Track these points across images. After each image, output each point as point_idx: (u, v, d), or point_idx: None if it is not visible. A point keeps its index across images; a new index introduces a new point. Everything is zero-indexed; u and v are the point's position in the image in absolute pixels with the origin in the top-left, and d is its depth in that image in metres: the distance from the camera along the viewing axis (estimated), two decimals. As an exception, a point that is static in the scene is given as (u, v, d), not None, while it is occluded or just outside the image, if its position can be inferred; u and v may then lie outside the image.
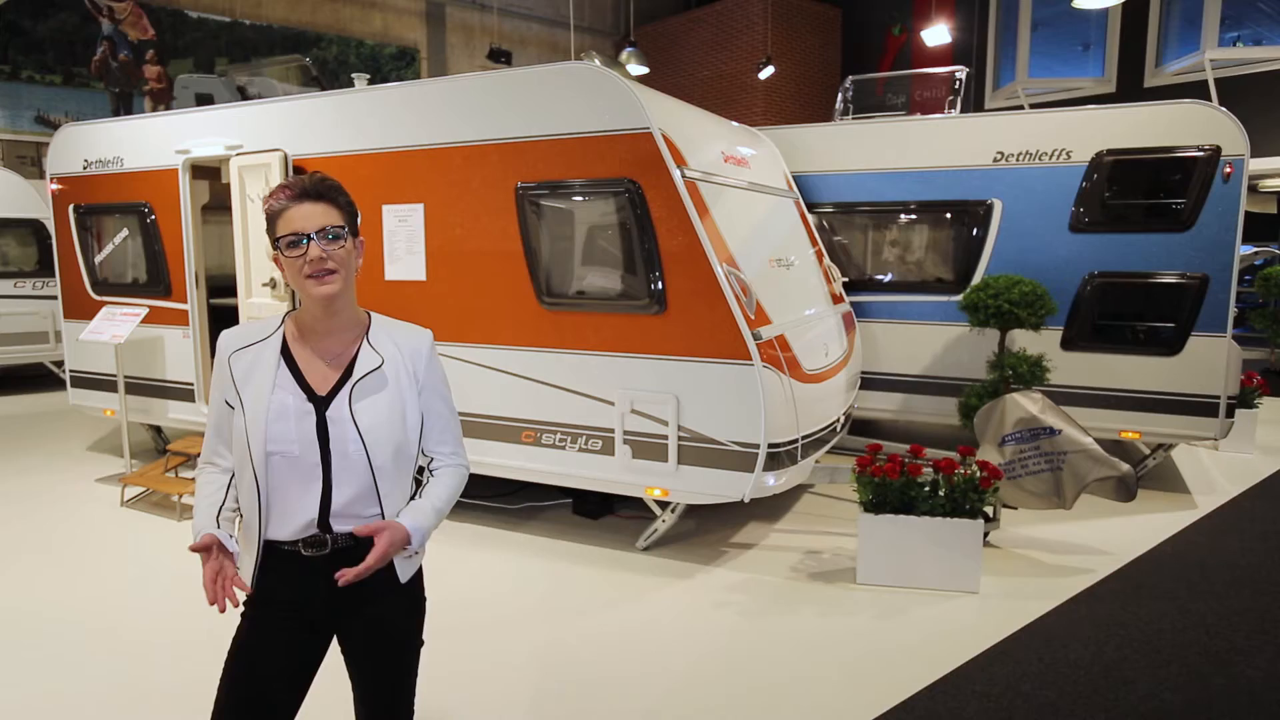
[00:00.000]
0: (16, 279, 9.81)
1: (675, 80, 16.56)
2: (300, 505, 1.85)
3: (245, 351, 1.89)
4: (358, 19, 14.63)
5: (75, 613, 4.11)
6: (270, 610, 1.90)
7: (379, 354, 1.91)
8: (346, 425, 1.84)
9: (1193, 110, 5.52)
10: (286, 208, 1.80)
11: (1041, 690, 3.35)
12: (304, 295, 1.84)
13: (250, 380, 1.86)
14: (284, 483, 1.84)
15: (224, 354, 1.90)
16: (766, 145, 6.21)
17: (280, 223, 1.81)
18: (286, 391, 1.85)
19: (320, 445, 1.84)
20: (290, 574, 1.88)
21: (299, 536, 1.86)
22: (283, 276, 1.86)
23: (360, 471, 1.85)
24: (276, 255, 1.84)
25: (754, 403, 4.34)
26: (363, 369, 1.89)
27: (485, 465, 5.10)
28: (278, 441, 1.82)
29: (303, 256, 1.79)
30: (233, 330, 1.94)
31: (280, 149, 5.56)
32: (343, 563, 1.83)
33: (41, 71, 11.75)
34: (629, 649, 3.74)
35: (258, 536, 1.87)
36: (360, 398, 1.86)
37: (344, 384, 1.87)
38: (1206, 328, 5.51)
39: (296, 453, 1.82)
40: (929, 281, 6.38)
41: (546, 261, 4.83)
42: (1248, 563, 4.64)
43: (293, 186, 1.81)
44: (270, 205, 1.83)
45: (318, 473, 1.84)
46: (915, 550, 4.32)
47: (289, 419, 1.83)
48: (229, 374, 1.88)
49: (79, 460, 6.95)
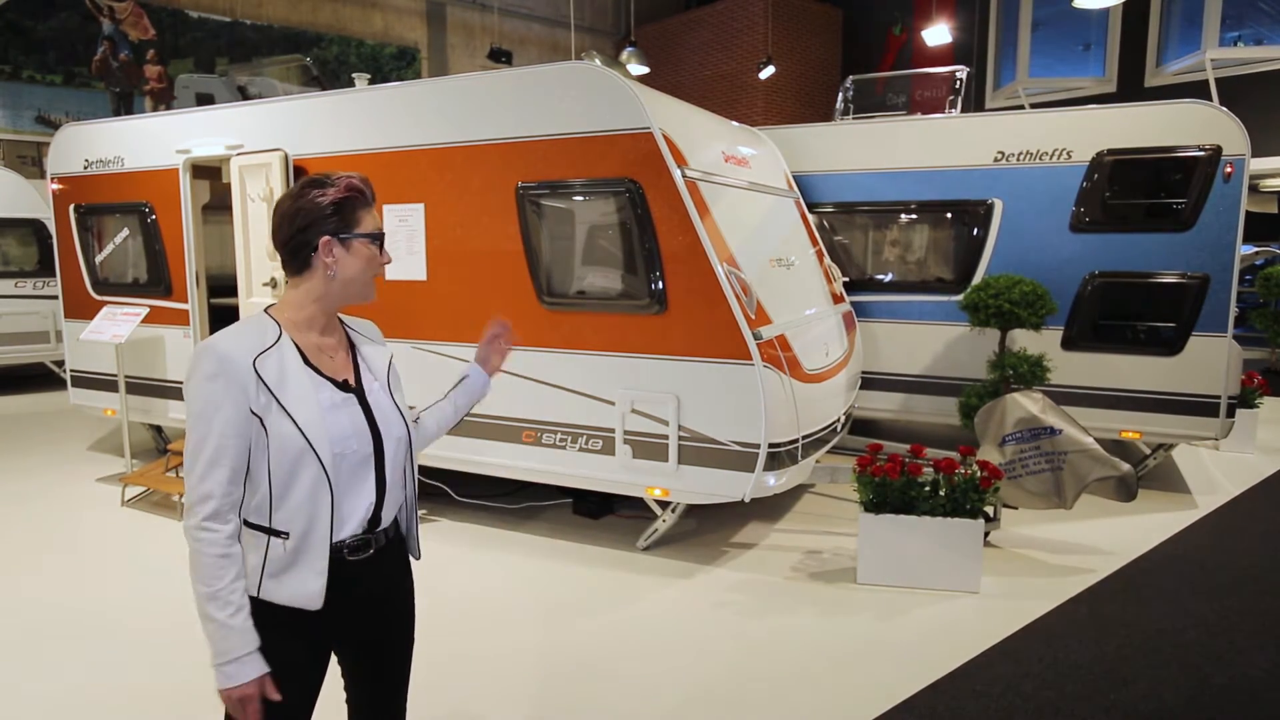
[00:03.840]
0: (17, 279, 9.81)
1: (675, 80, 16.56)
2: (354, 504, 1.79)
3: (267, 355, 1.71)
4: (358, 19, 14.63)
5: (75, 613, 4.11)
6: (295, 629, 1.76)
7: (379, 345, 1.96)
8: (389, 411, 1.85)
9: (1193, 110, 5.51)
10: (371, 206, 1.85)
11: (1041, 690, 3.35)
12: (354, 291, 1.83)
13: (286, 384, 1.70)
14: (344, 483, 1.76)
15: (243, 361, 1.66)
16: (767, 145, 6.21)
17: (366, 216, 1.82)
18: (325, 389, 1.77)
19: (373, 436, 1.81)
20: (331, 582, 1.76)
21: (347, 536, 1.78)
22: (328, 267, 1.78)
23: (402, 459, 1.88)
24: (329, 241, 1.77)
25: (754, 403, 4.34)
26: (379, 359, 1.92)
27: (485, 465, 5.10)
28: (340, 440, 1.74)
29: (381, 256, 1.85)
30: (230, 337, 1.70)
31: (281, 149, 5.56)
32: (379, 563, 1.86)
33: (42, 71, 11.75)
34: (629, 649, 3.74)
35: (327, 546, 1.73)
36: (395, 385, 1.92)
37: (359, 375, 1.88)
38: (1207, 327, 5.50)
39: (355, 447, 1.77)
40: (929, 281, 6.38)
41: (547, 261, 4.83)
42: (1248, 563, 4.64)
43: (370, 186, 1.84)
44: (357, 194, 1.80)
45: (370, 465, 1.80)
46: (915, 550, 4.32)
47: (340, 415, 1.76)
48: (257, 381, 1.67)
49: (79, 460, 6.95)
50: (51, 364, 10.25)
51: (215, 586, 1.64)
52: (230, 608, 1.65)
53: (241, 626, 1.66)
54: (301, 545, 1.71)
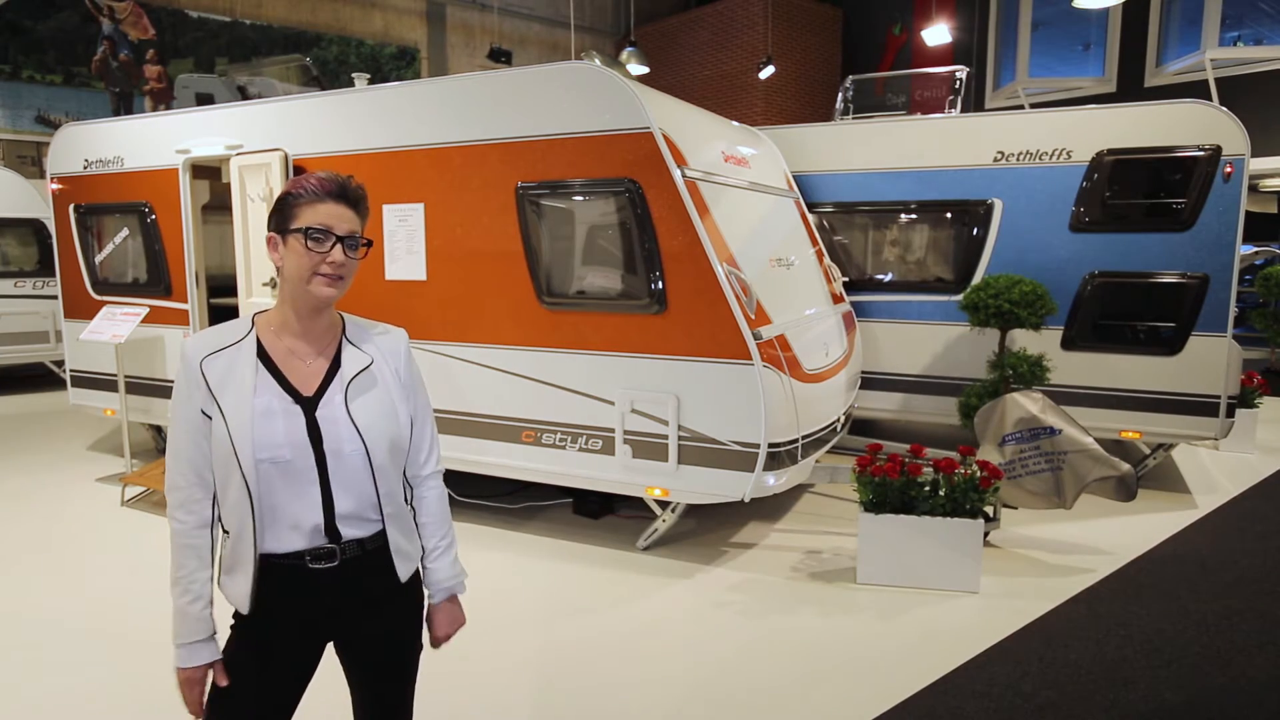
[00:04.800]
0: (17, 279, 9.81)
1: (675, 80, 16.56)
2: (296, 514, 1.75)
3: (218, 356, 1.75)
4: (358, 19, 14.63)
5: (75, 613, 4.11)
6: (265, 627, 1.80)
7: (364, 353, 1.86)
8: (341, 425, 1.77)
9: (1193, 110, 5.51)
10: (319, 199, 1.72)
11: (1041, 690, 3.35)
12: (298, 291, 1.75)
13: (228, 385, 1.73)
14: (276, 491, 1.74)
15: (194, 360, 1.74)
16: (767, 145, 6.21)
17: (306, 211, 1.72)
18: (269, 394, 1.75)
19: (314, 448, 1.75)
20: (290, 589, 1.79)
21: (303, 548, 1.77)
22: (276, 264, 1.77)
23: (359, 472, 1.79)
24: (273, 238, 1.75)
25: (754, 402, 4.34)
26: (353, 367, 1.83)
27: (485, 465, 5.10)
28: (267, 447, 1.71)
29: (323, 254, 1.72)
30: (199, 335, 1.79)
31: (280, 149, 5.56)
32: (351, 572, 1.81)
33: (42, 71, 11.75)
34: (629, 649, 3.74)
35: (252, 553, 1.74)
36: (355, 396, 1.80)
37: (328, 384, 1.80)
38: (1207, 327, 5.51)
39: (288, 457, 1.72)
40: (929, 281, 6.38)
41: (547, 261, 4.83)
42: (1248, 563, 4.64)
43: (331, 181, 1.74)
44: (299, 190, 1.74)
45: (313, 477, 1.76)
46: (915, 550, 4.32)
47: (276, 422, 1.73)
48: (202, 380, 1.73)
49: (79, 460, 6.95)
50: (51, 364, 10.26)
51: (177, 573, 1.78)
52: (188, 595, 1.77)
53: (197, 615, 1.77)
54: (237, 545, 1.77)
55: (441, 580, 1.98)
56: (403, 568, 1.91)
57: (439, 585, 1.98)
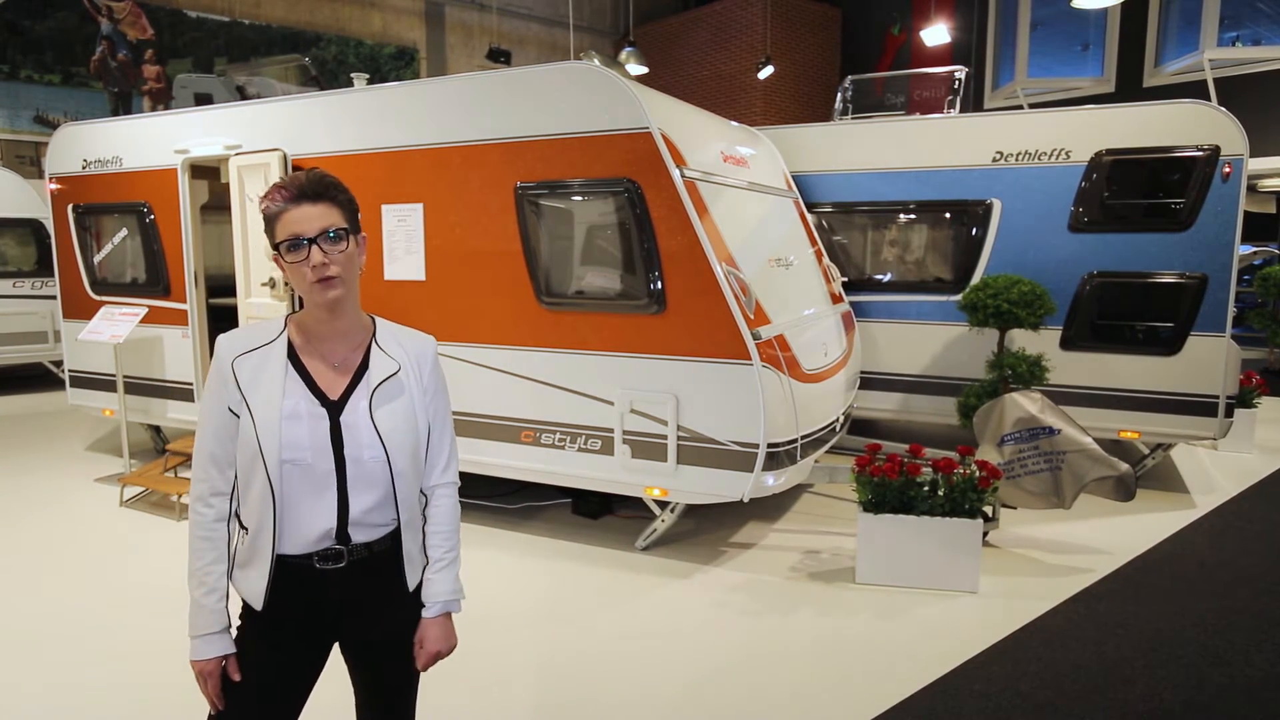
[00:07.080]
0: (15, 279, 9.80)
1: (675, 80, 16.56)
2: (312, 516, 1.77)
3: (249, 356, 1.78)
4: (357, 19, 14.62)
5: (74, 613, 4.10)
6: (273, 625, 1.82)
7: (393, 359, 1.86)
8: (364, 431, 1.78)
9: (1192, 110, 5.52)
10: (285, 210, 1.72)
11: (1041, 690, 3.35)
12: (308, 299, 1.77)
13: (258, 385, 1.76)
14: (296, 493, 1.76)
15: (226, 358, 1.78)
16: (766, 145, 6.21)
17: (279, 225, 1.72)
18: (297, 397, 1.77)
19: (334, 452, 1.77)
20: (298, 588, 1.80)
21: (312, 549, 1.78)
22: (284, 277, 1.81)
23: (378, 478, 1.80)
24: (277, 257, 1.76)
25: (753, 402, 4.34)
26: (380, 374, 1.83)
27: (485, 465, 5.10)
28: (291, 449, 1.73)
29: (305, 261, 1.71)
30: (233, 334, 1.83)
31: (279, 149, 5.56)
32: (357, 574, 1.82)
33: (40, 71, 11.74)
34: (628, 649, 3.74)
35: (271, 551, 1.76)
36: (380, 403, 1.81)
37: (354, 389, 1.81)
38: (1205, 327, 5.51)
39: (310, 460, 1.74)
40: (928, 281, 6.38)
41: (546, 261, 4.83)
42: (1247, 563, 4.64)
43: (290, 187, 1.72)
44: (267, 207, 1.74)
45: (331, 481, 1.77)
46: (915, 550, 4.32)
47: (301, 425, 1.75)
48: (233, 379, 1.76)
49: (78, 460, 6.94)
50: (50, 364, 10.25)
51: (195, 565, 1.80)
52: (203, 588, 1.79)
53: (212, 607, 1.79)
54: (255, 542, 1.79)
55: (440, 594, 1.94)
56: (413, 576, 1.92)
57: (437, 600, 1.94)
